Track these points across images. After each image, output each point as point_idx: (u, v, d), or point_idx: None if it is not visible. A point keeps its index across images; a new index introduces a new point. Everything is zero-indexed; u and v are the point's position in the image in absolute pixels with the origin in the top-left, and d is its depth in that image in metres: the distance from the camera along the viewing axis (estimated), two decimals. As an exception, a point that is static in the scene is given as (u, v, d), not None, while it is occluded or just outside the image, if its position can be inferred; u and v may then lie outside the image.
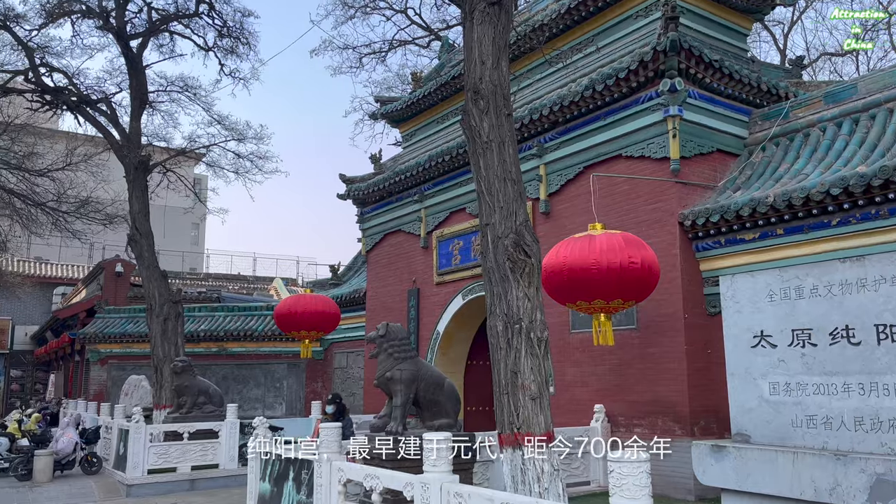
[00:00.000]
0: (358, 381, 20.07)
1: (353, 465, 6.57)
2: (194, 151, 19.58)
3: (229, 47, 18.15)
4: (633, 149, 11.57)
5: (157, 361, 16.10)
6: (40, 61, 16.85)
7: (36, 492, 13.05)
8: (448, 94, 17.11)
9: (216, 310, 23.46)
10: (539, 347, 6.47)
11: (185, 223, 45.52)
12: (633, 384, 11.10)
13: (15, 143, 22.83)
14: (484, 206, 6.74)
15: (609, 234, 9.19)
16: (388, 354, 8.06)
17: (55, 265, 38.17)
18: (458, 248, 15.40)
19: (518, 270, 6.52)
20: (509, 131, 6.82)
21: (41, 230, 23.63)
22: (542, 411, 6.40)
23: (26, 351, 35.97)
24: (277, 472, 7.79)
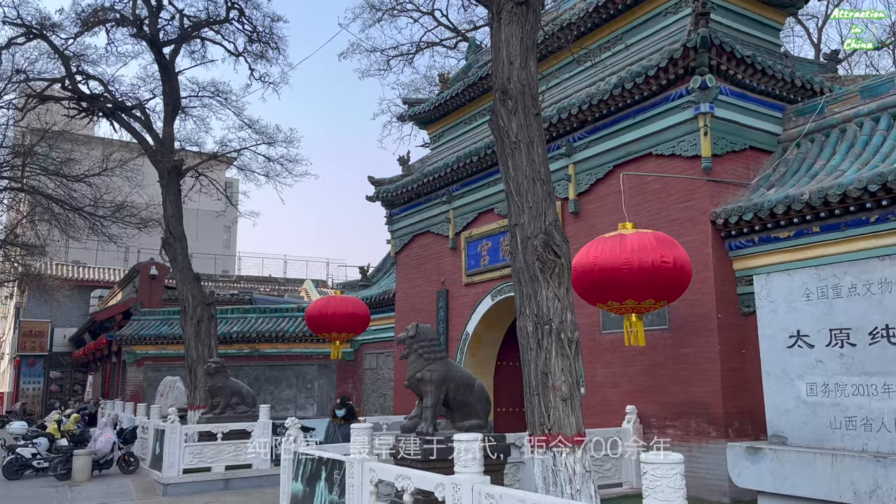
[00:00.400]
0: (388, 382, 20.15)
1: (384, 465, 6.60)
2: (226, 155, 19.87)
3: (259, 52, 18.40)
4: (664, 147, 11.44)
5: (191, 363, 16.36)
6: (76, 69, 17.26)
7: (75, 491, 13.34)
8: (476, 95, 17.10)
9: (248, 311, 23.76)
10: (570, 348, 6.43)
11: (217, 226, 46.23)
12: (666, 385, 10.97)
13: (53, 149, 23.44)
14: (513, 207, 6.72)
15: (640, 234, 9.09)
16: (418, 355, 8.07)
17: (92, 268, 39.05)
18: (487, 249, 15.37)
19: (548, 271, 6.49)
20: (538, 131, 6.79)
21: (79, 234, 24.21)
22: (574, 412, 6.37)
23: (65, 353, 36.86)
24: (310, 473, 7.85)
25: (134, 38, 17.45)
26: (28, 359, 36.70)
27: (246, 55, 18.73)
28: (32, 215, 25.38)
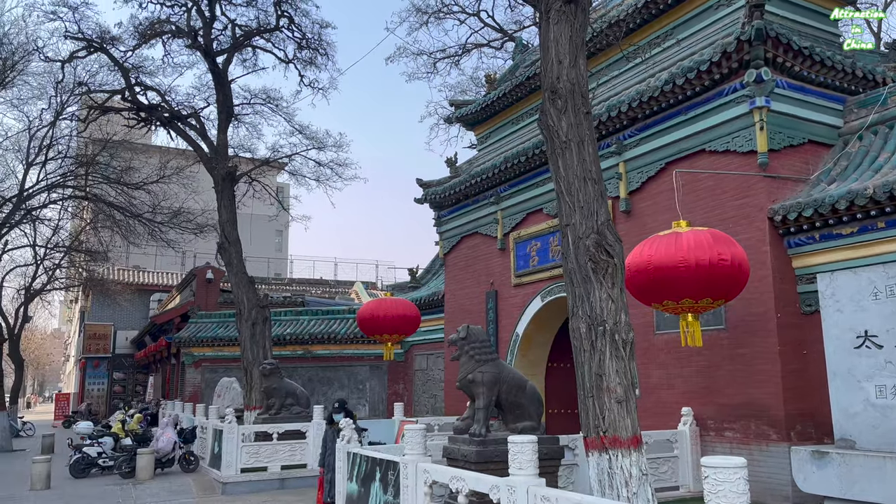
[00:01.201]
0: (438, 383, 20.22)
1: (438, 466, 6.62)
2: (277, 161, 20.27)
3: (308, 59, 18.71)
4: (718, 143, 11.17)
5: (247, 364, 16.73)
6: (135, 80, 17.88)
7: (139, 489, 13.80)
8: (523, 95, 17.03)
9: (301, 314, 24.18)
10: (624, 349, 6.34)
11: (269, 230, 47.19)
12: (723, 386, 10.70)
13: (114, 158, 24.34)
14: (564, 207, 6.66)
15: (696, 231, 8.90)
16: (469, 357, 8.08)
17: (151, 273, 40.34)
18: (536, 250, 15.28)
19: (600, 271, 6.41)
20: (588, 130, 6.72)
21: (138, 240, 25.07)
22: (629, 414, 6.28)
23: (127, 355, 38.16)
24: (364, 473, 7.94)
25: (189, 49, 17.98)
26: (93, 360, 38.13)
27: (296, 62, 19.08)
28: (95, 222, 26.41)
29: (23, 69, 20.69)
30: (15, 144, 23.78)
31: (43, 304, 39.30)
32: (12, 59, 19.82)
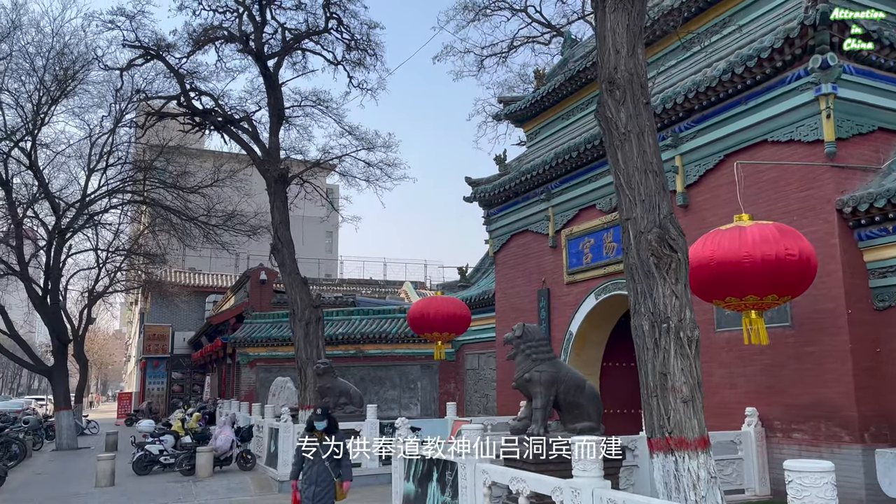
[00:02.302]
0: (490, 383, 20.09)
1: (498, 467, 6.51)
2: (328, 162, 20.46)
3: (357, 60, 18.81)
4: (780, 133, 10.75)
5: (301, 364, 16.91)
6: (190, 86, 18.28)
7: (199, 486, 14.08)
8: (573, 90, 16.77)
9: (352, 314, 24.37)
10: (689, 347, 6.11)
11: (319, 232, 47.80)
12: (789, 386, 10.29)
13: (170, 163, 24.98)
14: (624, 201, 6.47)
15: (761, 225, 8.57)
16: (525, 356, 7.94)
17: (206, 275, 41.32)
18: (589, 247, 15.00)
19: (663, 266, 6.20)
20: (648, 121, 6.51)
21: (194, 243, 25.67)
22: (696, 415, 6.05)
23: (184, 355, 39.18)
24: (421, 473, 7.88)
25: (240, 54, 18.29)
26: (152, 361, 39.27)
27: (344, 63, 19.21)
28: (153, 226, 27.17)
29: (83, 78, 21.41)
30: (77, 152, 24.67)
31: (105, 307, 40.64)
32: (73, 68, 20.52)
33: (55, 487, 14.52)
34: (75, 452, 21.89)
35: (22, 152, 21.53)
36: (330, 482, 7.60)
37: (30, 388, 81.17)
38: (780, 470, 10.29)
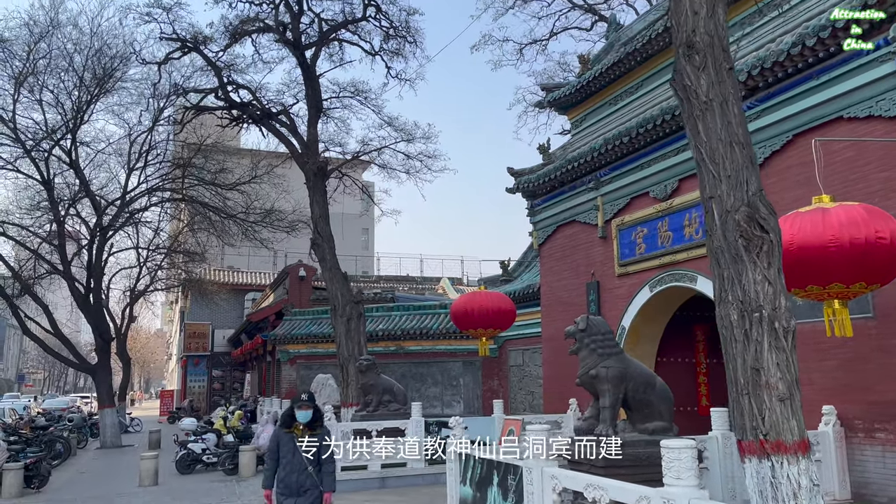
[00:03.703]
0: (536, 380, 19.48)
1: (570, 472, 5.94)
2: (367, 154, 20.08)
3: (395, 49, 18.39)
4: (857, 108, 9.92)
5: (343, 360, 16.54)
6: (227, 79, 18.05)
7: (242, 485, 13.78)
8: (622, 73, 16.05)
9: (392, 310, 23.98)
10: (786, 339, 5.46)
11: (356, 229, 47.65)
12: (872, 382, 9.49)
13: (208, 161, 24.90)
14: (706, 177, 5.83)
15: (846, 206, 7.82)
16: (590, 350, 7.34)
17: (245, 273, 41.45)
18: (642, 237, 14.28)
19: (754, 249, 5.55)
20: (732, 87, 5.86)
21: (233, 240, 25.57)
22: (795, 415, 5.39)
23: (224, 353, 39.36)
24: (479, 476, 7.35)
25: (278, 44, 17.99)
26: (193, 358, 39.53)
27: (382, 54, 18.78)
28: (192, 224, 27.16)
29: (122, 76, 21.38)
30: (117, 150, 24.73)
31: (146, 305, 41.06)
32: (111, 65, 20.47)
33: (99, 486, 14.38)
34: (119, 450, 21.92)
35: (63, 151, 21.60)
36: (315, 494, 6.18)
37: (76, 386, 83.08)
38: (861, 472, 9.55)
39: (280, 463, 6.24)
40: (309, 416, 6.28)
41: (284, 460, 6.21)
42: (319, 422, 6.41)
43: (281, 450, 6.27)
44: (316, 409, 6.38)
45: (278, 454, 6.26)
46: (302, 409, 6.31)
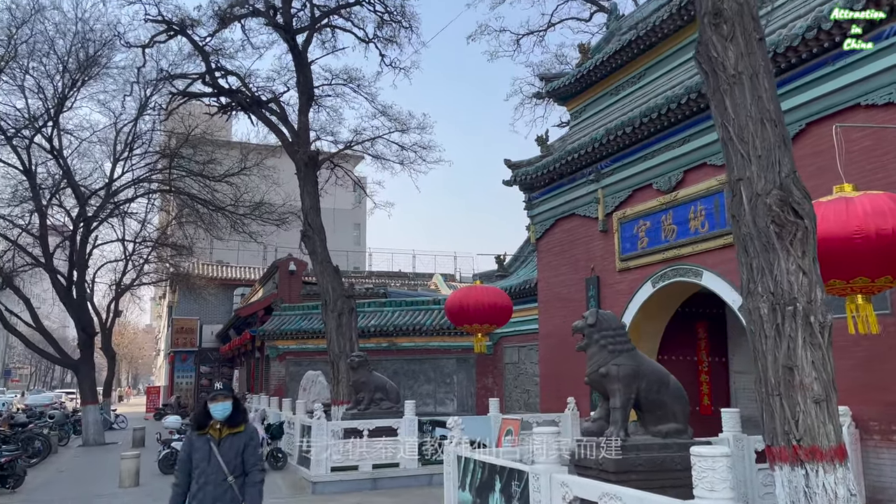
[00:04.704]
0: (532, 378, 19.01)
1: (583, 479, 5.43)
2: (360, 144, 19.49)
3: (389, 36, 17.82)
4: (876, 95, 9.45)
5: (334, 356, 16.01)
6: (215, 65, 17.42)
7: (228, 486, 13.20)
8: (622, 63, 15.56)
9: (384, 305, 23.43)
10: (822, 335, 4.98)
11: (347, 224, 47.06)
12: (890, 382, 9.04)
13: (197, 152, 24.26)
14: (734, 157, 5.33)
15: (871, 195, 7.36)
16: (600, 347, 6.83)
17: (234, 267, 40.78)
18: (645, 230, 13.80)
19: (787, 236, 5.06)
20: (763, 59, 5.36)
21: (221, 233, 24.95)
22: (831, 418, 4.92)
23: (213, 348, 38.70)
24: (480, 481, 6.83)
25: (267, 28, 17.37)
26: (181, 354, 38.85)
27: (376, 41, 18.22)
28: (180, 217, 26.50)
29: (106, 62, 20.70)
30: (103, 139, 24.04)
31: (133, 300, 40.31)
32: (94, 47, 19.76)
33: (77, 487, 13.78)
34: (102, 448, 21.28)
35: (44, 138, 20.89)
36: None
37: (63, 382, 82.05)
38: (877, 476, 9.09)
39: (193, 475, 4.97)
40: (227, 412, 5.01)
41: (198, 470, 4.94)
42: (242, 418, 5.13)
43: (193, 458, 5.00)
44: (236, 402, 5.14)
45: (190, 464, 5.00)
46: (217, 402, 5.00)
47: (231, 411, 5.05)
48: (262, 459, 5.05)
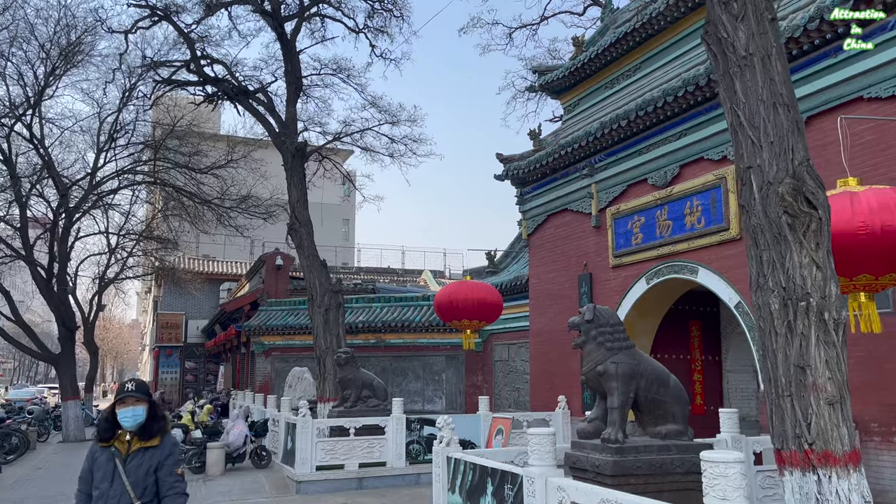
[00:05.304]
0: (522, 376, 18.73)
1: (580, 484, 5.12)
2: (350, 136, 19.10)
3: (379, 26, 17.42)
4: (880, 88, 9.23)
5: (320, 353, 15.64)
6: (201, 53, 16.96)
7: (209, 485, 12.85)
8: (617, 56, 15.29)
9: (373, 301, 23.08)
10: (836, 333, 4.71)
11: (336, 220, 46.60)
12: (891, 382, 8.83)
13: (182, 143, 23.77)
14: (744, 143, 5.04)
15: (877, 190, 7.09)
16: (598, 344, 6.53)
17: (221, 262, 40.25)
18: (639, 226, 13.53)
19: (800, 227, 4.78)
20: (775, 41, 5.07)
21: (207, 226, 24.48)
22: (845, 421, 4.64)
23: (198, 344, 38.18)
24: (470, 484, 6.52)
25: (255, 14, 16.91)
26: (165, 349, 38.31)
27: (366, 32, 17.82)
28: (165, 210, 25.99)
29: (89, 50, 20.16)
30: (86, 129, 23.49)
31: (118, 294, 39.71)
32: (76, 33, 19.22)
33: (53, 485, 13.35)
34: (83, 444, 20.77)
35: (24, 126, 20.32)
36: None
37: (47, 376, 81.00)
38: (877, 479, 8.85)
39: (93, 496, 3.90)
40: (138, 419, 3.90)
41: (97, 492, 3.87)
42: (158, 427, 4.00)
43: (95, 475, 3.92)
44: (153, 407, 4.00)
45: (91, 483, 3.93)
46: (126, 407, 3.88)
47: (144, 419, 3.91)
48: (183, 480, 3.99)
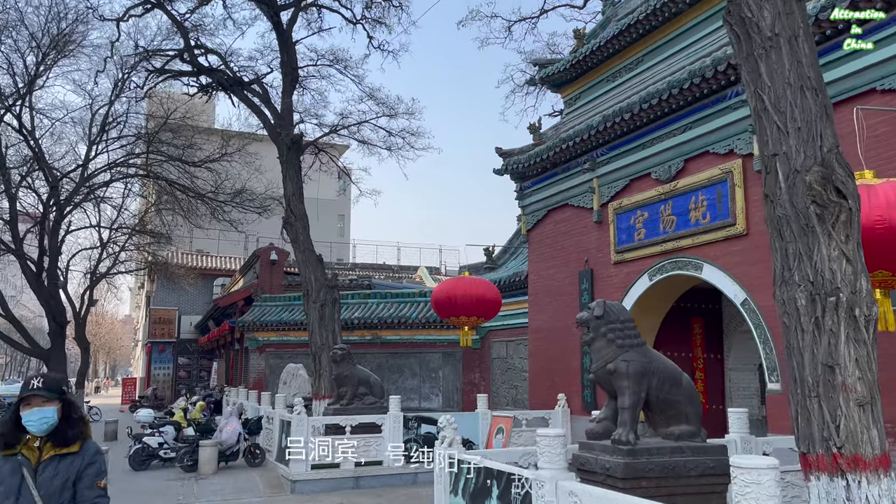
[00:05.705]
0: (520, 373, 18.48)
1: (593, 489, 4.86)
2: (347, 129, 18.76)
3: (377, 17, 17.10)
4: (894, 79, 8.98)
5: (316, 349, 15.34)
6: (195, 42, 16.61)
7: (202, 484, 12.56)
8: (619, 48, 15.03)
9: (369, 297, 22.79)
10: (867, 330, 4.45)
11: (331, 215, 46.25)
12: (903, 382, 8.57)
13: (176, 136, 23.39)
14: (769, 129, 4.76)
15: (894, 183, 6.86)
16: (608, 341, 6.27)
17: (214, 257, 39.85)
18: (642, 221, 13.28)
19: (829, 218, 4.51)
20: (802, 21, 4.80)
21: (201, 221, 24.11)
22: (875, 423, 4.39)
23: (191, 340, 37.80)
24: (474, 487, 6.25)
25: (251, 4, 16.58)
26: (158, 345, 37.91)
27: (364, 23, 17.50)
28: (158, 204, 25.60)
29: (81, 40, 19.75)
30: (78, 121, 23.07)
31: (110, 289, 39.28)
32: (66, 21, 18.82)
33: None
34: (73, 441, 20.44)
35: (14, 117, 19.92)
36: None
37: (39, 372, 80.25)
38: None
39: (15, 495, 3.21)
40: (48, 422, 3.22)
41: (21, 493, 3.19)
42: (76, 432, 3.30)
43: None
44: (67, 408, 3.31)
45: None
46: (31, 408, 3.20)
47: (55, 422, 3.23)
48: (106, 495, 3.33)
